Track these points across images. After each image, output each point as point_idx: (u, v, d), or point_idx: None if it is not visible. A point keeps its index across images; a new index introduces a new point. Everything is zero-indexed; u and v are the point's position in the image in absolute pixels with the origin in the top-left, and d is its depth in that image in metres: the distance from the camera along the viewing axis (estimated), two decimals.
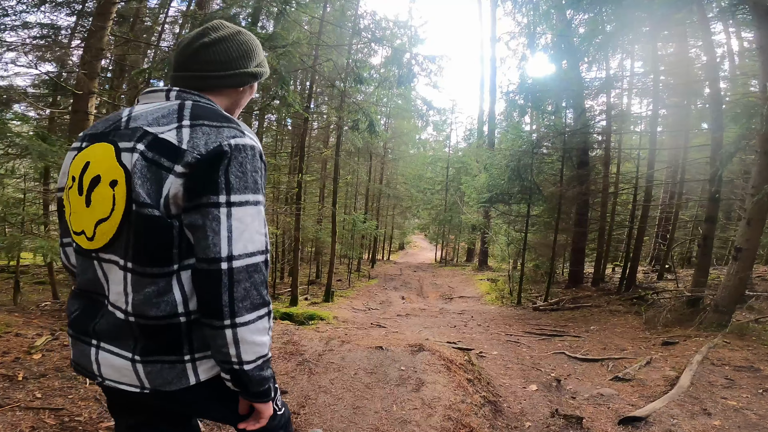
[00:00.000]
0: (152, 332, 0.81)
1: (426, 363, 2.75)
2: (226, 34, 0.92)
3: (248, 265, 0.79)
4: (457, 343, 4.01)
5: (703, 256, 5.86)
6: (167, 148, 0.78)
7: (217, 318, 0.77)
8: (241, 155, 0.79)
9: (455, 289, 12.78)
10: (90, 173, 0.83)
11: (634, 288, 8.61)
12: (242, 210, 0.78)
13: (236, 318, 0.77)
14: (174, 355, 0.83)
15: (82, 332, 0.88)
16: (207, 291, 0.78)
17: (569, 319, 6.73)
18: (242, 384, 0.84)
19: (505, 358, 4.45)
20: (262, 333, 0.82)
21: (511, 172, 8.12)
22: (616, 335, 5.46)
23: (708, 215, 5.83)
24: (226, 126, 0.81)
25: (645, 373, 4.06)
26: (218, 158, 0.77)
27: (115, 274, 0.82)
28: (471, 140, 24.93)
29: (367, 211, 18.82)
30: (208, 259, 0.76)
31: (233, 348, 0.79)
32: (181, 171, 0.76)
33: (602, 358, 4.51)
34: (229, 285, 0.76)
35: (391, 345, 3.12)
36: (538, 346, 5.11)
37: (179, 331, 0.82)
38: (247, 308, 0.78)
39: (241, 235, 0.78)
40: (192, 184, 0.77)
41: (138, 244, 0.79)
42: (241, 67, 0.94)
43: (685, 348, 4.72)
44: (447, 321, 6.91)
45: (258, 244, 0.81)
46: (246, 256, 0.78)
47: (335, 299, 8.83)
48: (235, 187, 0.78)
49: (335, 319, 5.85)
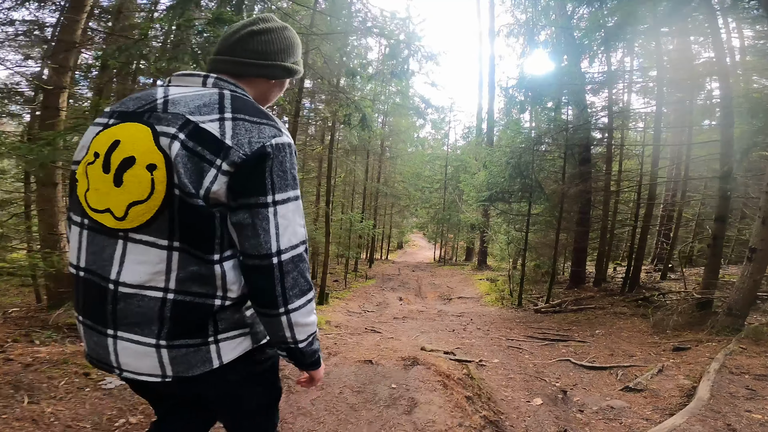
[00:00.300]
0: (186, 311, 0.83)
1: (420, 379, 2.47)
2: (274, 26, 0.97)
3: (294, 256, 0.85)
4: (455, 353, 3.73)
5: (713, 256, 5.58)
6: (210, 141, 0.80)
7: (273, 308, 0.84)
8: (281, 154, 0.83)
9: (454, 289, 12.50)
10: (121, 152, 0.82)
11: (638, 288, 8.35)
12: (285, 207, 0.83)
13: (289, 305, 0.84)
14: (199, 338, 0.85)
15: (95, 320, 0.87)
16: (261, 284, 0.83)
17: (573, 322, 6.45)
18: (297, 358, 0.93)
19: (506, 366, 4.17)
20: (311, 314, 0.90)
21: (512, 170, 7.83)
22: (623, 340, 5.19)
23: (718, 214, 5.56)
24: (266, 123, 0.84)
25: (658, 382, 3.79)
26: (263, 159, 0.81)
27: (147, 254, 0.82)
28: (469, 138, 24.69)
29: (365, 210, 18.55)
30: (260, 256, 0.81)
31: (288, 331, 0.86)
32: (226, 169, 0.79)
33: (610, 366, 4.24)
34: (281, 277, 0.82)
35: (383, 358, 2.84)
36: (541, 352, 4.84)
37: (210, 313, 0.85)
38: (297, 295, 0.85)
39: (286, 230, 0.84)
40: (237, 183, 0.80)
41: (186, 226, 0.81)
42: (279, 60, 0.97)
43: (698, 354, 4.45)
44: (445, 324, 6.63)
45: (300, 235, 0.87)
46: (291, 249, 0.84)
47: (330, 301, 8.54)
48: (278, 186, 0.82)
49: (327, 324, 5.56)
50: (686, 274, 10.03)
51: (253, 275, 0.83)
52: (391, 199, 21.75)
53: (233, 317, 0.89)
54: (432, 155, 24.34)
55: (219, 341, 0.87)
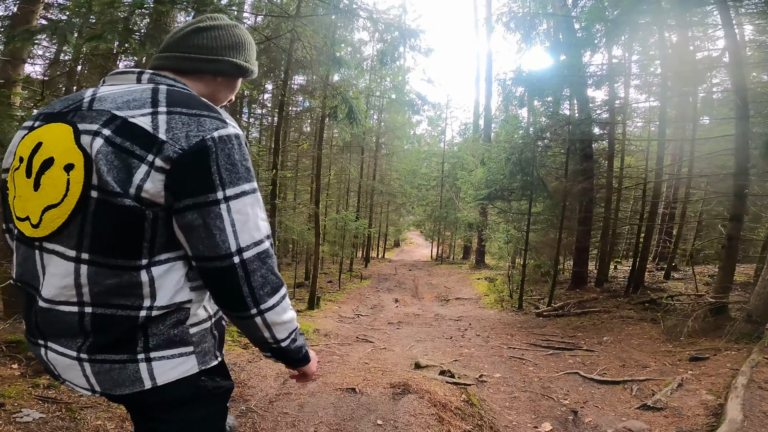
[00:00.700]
0: (107, 324, 0.77)
1: (411, 413, 2.07)
2: (222, 24, 0.93)
3: (259, 253, 0.79)
4: (452, 372, 3.32)
5: (728, 258, 5.22)
6: (140, 135, 0.73)
7: (243, 310, 0.78)
8: (227, 147, 0.77)
9: (452, 289, 12.13)
10: (42, 155, 0.78)
11: (643, 289, 8.01)
12: (240, 201, 0.77)
13: (261, 305, 0.79)
14: (125, 353, 0.77)
15: (29, 332, 0.85)
16: (225, 287, 0.77)
17: (578, 327, 6.08)
18: (284, 358, 0.88)
19: (509, 382, 3.79)
20: (287, 310, 0.84)
21: (512, 166, 7.42)
22: (634, 348, 4.82)
23: (734, 213, 5.20)
24: (207, 116, 0.77)
25: (678, 398, 3.42)
26: (204, 154, 0.74)
27: (57, 266, 0.76)
28: (466, 134, 24.37)
29: (360, 208, 18.15)
30: (219, 257, 0.76)
31: (267, 332, 0.82)
32: (160, 165, 0.72)
33: (624, 380, 3.87)
34: (246, 276, 0.77)
35: (369, 384, 2.44)
36: (546, 363, 4.46)
37: (135, 325, 0.77)
38: (269, 293, 0.79)
39: (245, 226, 0.77)
40: (177, 182, 0.73)
41: (98, 234, 0.74)
42: (227, 56, 0.93)
43: (718, 364, 4.09)
44: (442, 330, 6.25)
45: (263, 229, 0.81)
46: (255, 245, 0.78)
47: (323, 304, 8.14)
48: (228, 180, 0.75)
49: (315, 333, 5.16)
50: (688, 273, 9.73)
51: (215, 279, 0.77)
52: (387, 197, 21.38)
53: (170, 333, 0.80)
54: (428, 152, 24.02)
55: (151, 359, 0.79)
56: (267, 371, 2.60)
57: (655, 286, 8.40)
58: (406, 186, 21.98)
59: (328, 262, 16.90)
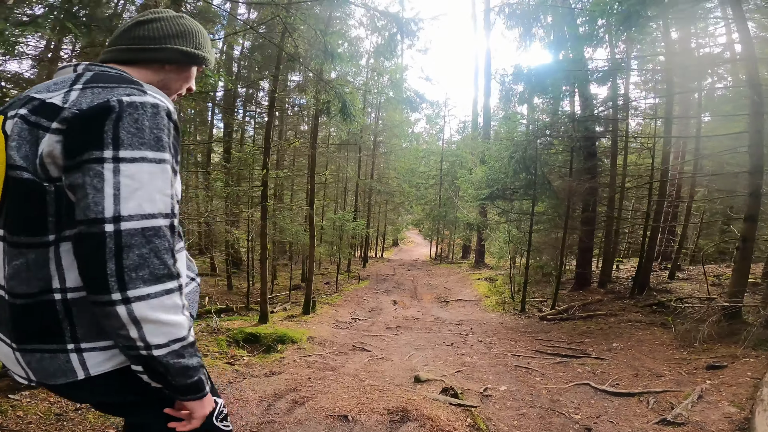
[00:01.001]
0: (25, 313, 0.73)
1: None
2: (165, 15, 0.92)
3: (145, 228, 0.69)
4: (455, 390, 3.06)
5: (742, 260, 4.98)
6: (50, 110, 0.72)
7: (103, 291, 0.66)
8: (137, 112, 0.71)
9: (451, 290, 11.88)
10: None
11: (649, 291, 7.77)
12: (136, 166, 0.69)
13: (129, 291, 0.67)
14: (54, 343, 0.73)
15: None
16: (87, 259, 0.67)
17: (584, 332, 5.83)
18: (160, 376, 0.73)
19: (516, 396, 3.53)
20: (173, 311, 0.71)
21: (516, 164, 7.14)
22: (646, 355, 4.57)
23: (748, 213, 4.95)
24: (124, 86, 0.74)
25: (700, 412, 3.18)
26: (103, 113, 0.69)
27: None
28: (465, 133, 24.13)
29: (358, 207, 17.88)
30: (88, 221, 0.67)
31: (134, 329, 0.67)
32: (56, 127, 0.70)
33: (639, 392, 3.62)
34: (117, 250, 0.66)
35: (363, 410, 2.18)
36: (553, 373, 4.20)
37: (55, 313, 0.73)
38: (144, 279, 0.67)
39: (134, 194, 0.69)
40: (71, 141, 0.70)
41: (12, 211, 0.74)
42: (170, 44, 0.90)
43: (737, 373, 3.85)
44: (443, 336, 5.99)
45: (160, 205, 0.72)
46: (142, 218, 0.69)
47: (318, 308, 7.86)
48: (126, 142, 0.69)
49: (310, 341, 4.89)
50: (692, 272, 9.51)
51: (79, 246, 0.68)
52: (385, 196, 21.13)
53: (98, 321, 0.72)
54: (427, 150, 23.76)
55: (82, 350, 0.74)
56: (249, 395, 2.33)
57: (661, 287, 8.16)
58: (405, 185, 21.72)
59: (325, 263, 16.63)
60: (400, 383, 3.40)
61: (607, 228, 9.48)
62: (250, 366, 3.26)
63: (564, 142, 8.32)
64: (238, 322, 5.42)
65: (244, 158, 7.07)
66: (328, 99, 4.64)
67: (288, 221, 9.78)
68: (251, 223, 7.42)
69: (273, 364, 3.52)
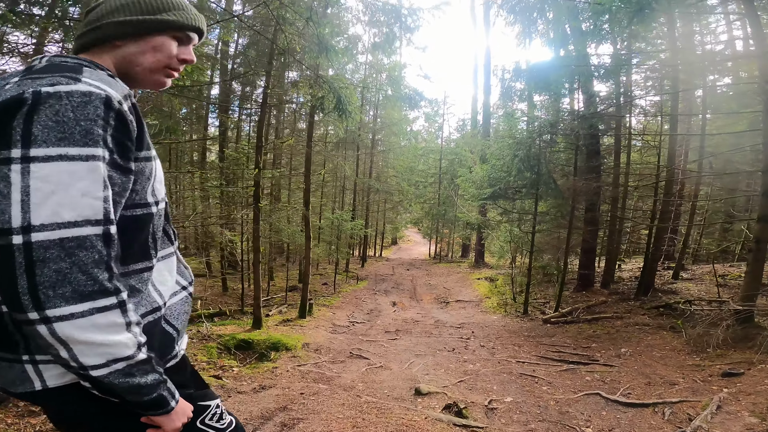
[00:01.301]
0: None
1: None
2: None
3: (64, 238, 0.61)
4: (459, 407, 2.85)
5: (755, 262, 4.78)
6: None
7: (19, 310, 0.60)
8: (59, 103, 0.63)
9: (451, 290, 11.67)
10: None
11: (654, 292, 7.57)
12: (53, 166, 0.61)
13: (47, 310, 0.60)
14: (10, 353, 0.71)
15: None
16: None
17: (590, 336, 5.63)
18: (113, 394, 0.69)
19: (522, 408, 3.32)
20: (110, 330, 0.64)
21: (520, 163, 6.92)
22: (657, 361, 4.37)
23: (761, 213, 4.75)
24: (55, 75, 0.67)
25: (720, 423, 2.98)
26: (12, 108, 0.62)
27: None
28: (464, 131, 23.91)
29: (356, 206, 17.66)
30: None
31: (62, 350, 0.62)
32: None
33: (653, 402, 3.42)
34: (27, 266, 0.59)
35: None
36: (561, 381, 4.00)
37: (5, 325, 0.69)
38: (66, 297, 0.60)
39: (49, 198, 0.60)
40: None
41: None
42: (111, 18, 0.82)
43: (755, 381, 3.66)
44: (444, 341, 5.78)
45: (86, 210, 0.63)
46: (59, 227, 0.60)
47: (315, 311, 7.65)
48: (40, 138, 0.61)
49: (305, 348, 4.67)
50: (695, 272, 9.33)
51: None
52: (383, 195, 20.90)
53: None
54: (426, 148, 23.56)
55: (37, 362, 0.70)
56: (239, 407, 2.12)
57: (666, 288, 7.96)
58: (403, 183, 21.53)
59: (323, 262, 16.41)
60: (399, 396, 3.19)
61: (610, 227, 9.29)
62: (239, 379, 3.04)
63: (567, 139, 8.11)
64: (230, 327, 5.21)
65: (237, 157, 6.85)
66: (323, 94, 4.43)
67: (284, 221, 9.55)
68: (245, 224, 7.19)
69: (264, 375, 3.30)
